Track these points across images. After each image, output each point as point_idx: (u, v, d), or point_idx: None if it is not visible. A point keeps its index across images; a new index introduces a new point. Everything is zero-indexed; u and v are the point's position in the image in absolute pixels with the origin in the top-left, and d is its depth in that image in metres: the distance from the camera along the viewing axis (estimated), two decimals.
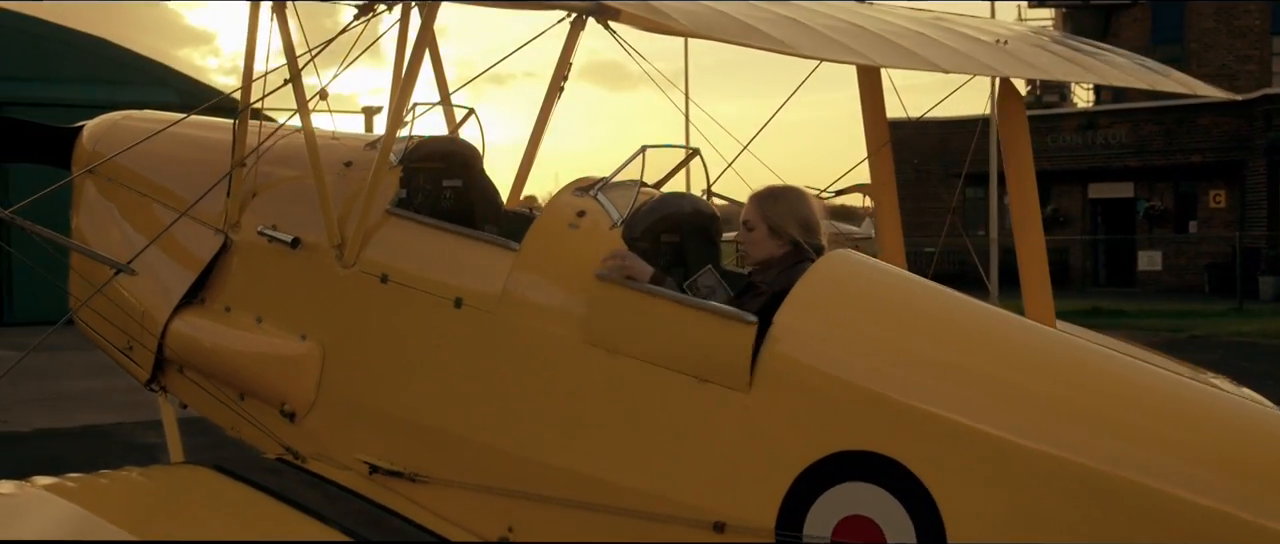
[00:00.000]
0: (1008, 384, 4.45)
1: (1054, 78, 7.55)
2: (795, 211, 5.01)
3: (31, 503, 4.86)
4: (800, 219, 5.00)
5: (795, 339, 4.68)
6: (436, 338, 5.44)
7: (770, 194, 5.14)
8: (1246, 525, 3.93)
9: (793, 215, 5.00)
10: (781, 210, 5.02)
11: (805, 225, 5.00)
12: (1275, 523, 3.90)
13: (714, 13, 6.11)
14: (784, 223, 4.99)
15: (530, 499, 5.12)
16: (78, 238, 6.95)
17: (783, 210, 5.01)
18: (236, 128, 6.17)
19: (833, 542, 4.46)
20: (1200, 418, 4.30)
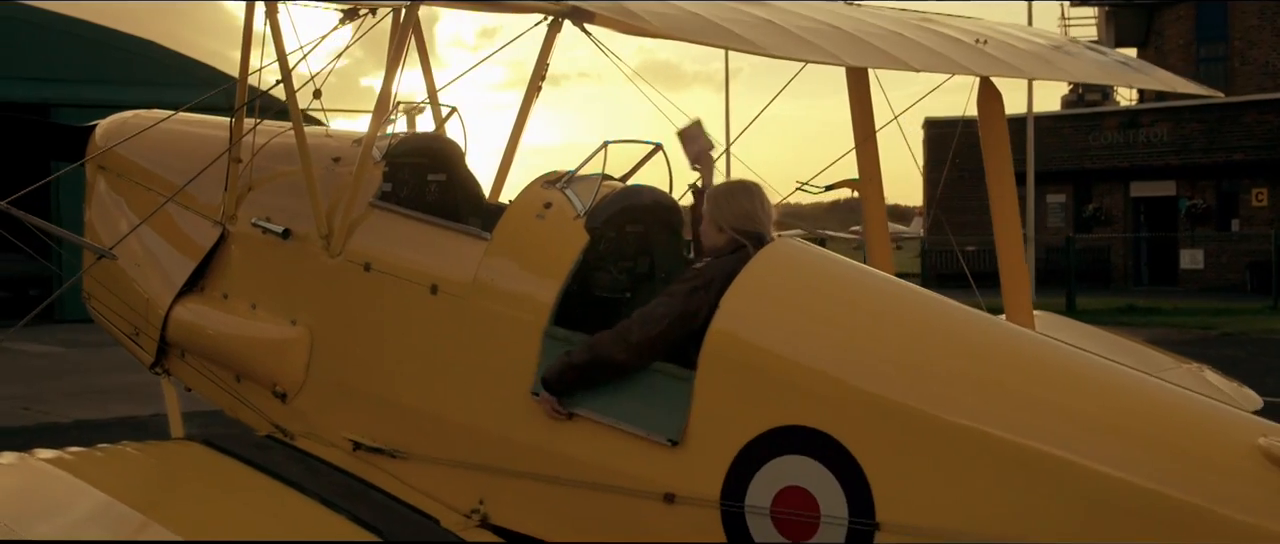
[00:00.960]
0: (932, 363, 4.75)
1: (1028, 76, 7.80)
2: (736, 207, 5.28)
3: (31, 473, 5.23)
4: (740, 213, 5.27)
5: (737, 321, 5.00)
6: (414, 322, 5.78)
7: (719, 191, 5.43)
8: (1138, 489, 4.22)
9: (733, 210, 5.27)
10: (723, 206, 5.30)
11: (744, 218, 5.27)
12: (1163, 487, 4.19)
13: (687, 14, 6.42)
14: (723, 217, 5.28)
15: (501, 474, 5.44)
16: (88, 229, 7.34)
17: (724, 206, 5.30)
18: (233, 125, 6.53)
19: (772, 510, 4.77)
20: (1113, 396, 4.59)
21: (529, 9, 6.22)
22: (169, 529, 4.97)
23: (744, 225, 5.23)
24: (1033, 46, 8.24)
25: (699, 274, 5.14)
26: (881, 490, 4.58)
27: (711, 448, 4.90)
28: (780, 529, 4.75)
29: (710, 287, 5.10)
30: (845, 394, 4.76)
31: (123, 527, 4.96)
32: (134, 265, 6.97)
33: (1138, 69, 8.62)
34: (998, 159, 7.84)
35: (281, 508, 5.29)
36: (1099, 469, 4.31)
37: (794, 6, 7.62)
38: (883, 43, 7.26)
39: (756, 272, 5.09)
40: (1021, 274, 7.97)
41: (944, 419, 4.57)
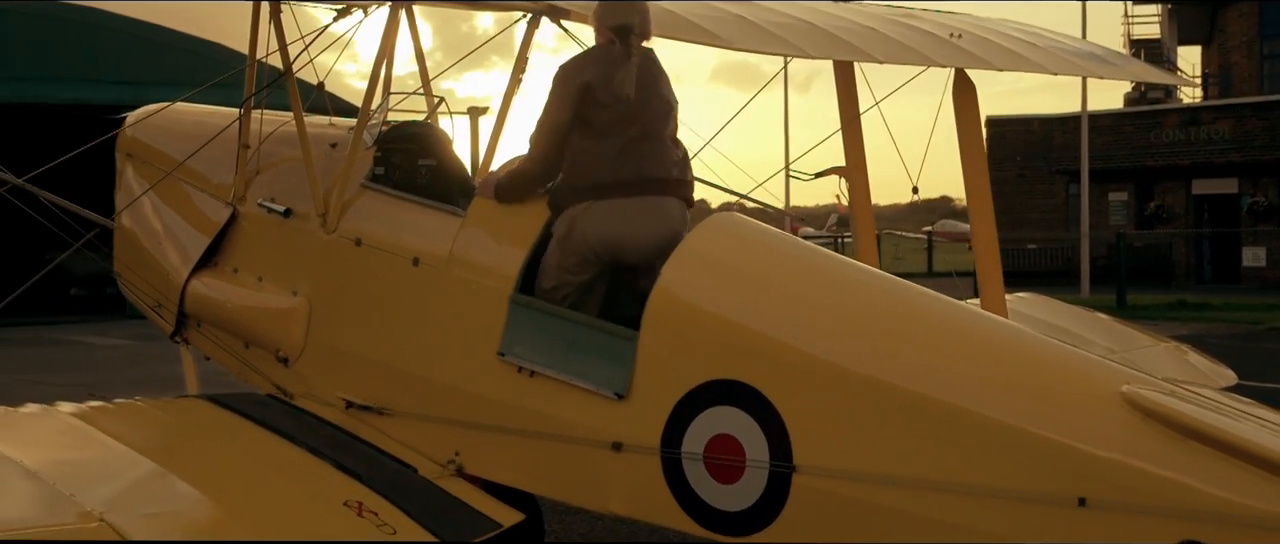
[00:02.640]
0: (845, 323, 5.28)
1: (998, 68, 8.21)
2: (609, 11, 6.04)
3: (52, 421, 5.87)
4: (611, 13, 6.03)
5: (676, 285, 5.54)
6: (398, 291, 6.37)
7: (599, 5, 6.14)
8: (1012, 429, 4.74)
9: (606, 12, 6.02)
10: (601, 14, 6.07)
11: (614, 14, 6.02)
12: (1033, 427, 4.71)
13: (661, 11, 6.96)
14: (602, 20, 6.05)
15: (474, 428, 6.01)
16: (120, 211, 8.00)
17: (602, 13, 6.06)
18: (242, 115, 7.16)
19: (705, 456, 5.31)
20: (999, 352, 5.12)
21: (509, 7, 6.80)
22: (174, 472, 5.57)
23: (614, 21, 5.95)
24: (1007, 40, 8.67)
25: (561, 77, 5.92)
26: (798, 436, 5.11)
27: (652, 400, 5.45)
28: (712, 473, 5.29)
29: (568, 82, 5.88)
30: (768, 350, 5.28)
31: (133, 469, 5.57)
32: (156, 243, 7.64)
33: (1110, 61, 9.01)
34: (971, 149, 8.26)
35: (273, 456, 5.89)
36: (980, 412, 4.82)
37: (772, 5, 8.14)
38: (852, 37, 7.75)
39: (695, 241, 5.64)
40: (993, 260, 8.39)
41: (852, 371, 5.10)
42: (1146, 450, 4.56)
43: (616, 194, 5.92)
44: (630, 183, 5.96)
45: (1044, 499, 4.61)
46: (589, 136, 5.95)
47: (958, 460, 4.79)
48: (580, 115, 5.93)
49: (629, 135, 5.98)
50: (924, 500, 4.81)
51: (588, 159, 5.95)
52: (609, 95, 5.91)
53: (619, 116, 5.96)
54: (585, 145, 5.95)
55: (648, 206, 6.00)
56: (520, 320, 5.90)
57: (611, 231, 5.91)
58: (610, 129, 5.95)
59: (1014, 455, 4.72)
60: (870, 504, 4.92)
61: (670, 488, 5.40)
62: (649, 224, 5.98)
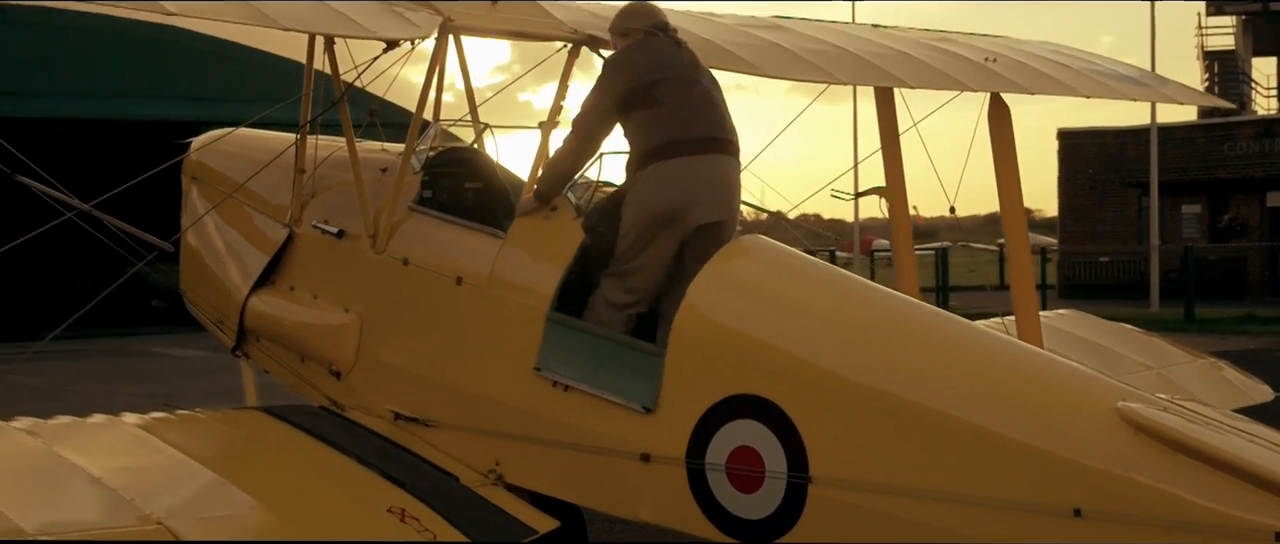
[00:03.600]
0: (857, 340, 5.57)
1: (1030, 92, 8.43)
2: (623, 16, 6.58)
3: (117, 431, 6.26)
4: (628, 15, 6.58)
5: (701, 305, 5.85)
6: (443, 309, 6.71)
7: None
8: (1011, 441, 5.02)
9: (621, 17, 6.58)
10: (616, 21, 6.57)
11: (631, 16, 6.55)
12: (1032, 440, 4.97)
13: (696, 39, 7.28)
14: (617, 26, 6.56)
15: (513, 439, 6.34)
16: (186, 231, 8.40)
17: (617, 21, 6.58)
18: (298, 141, 7.55)
19: (727, 466, 5.61)
20: (1003, 369, 5.39)
21: (550, 37, 7.13)
22: (229, 480, 5.93)
23: (652, 20, 6.50)
24: (1042, 63, 8.89)
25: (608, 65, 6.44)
26: (813, 448, 5.40)
27: (678, 414, 5.76)
28: (733, 483, 5.59)
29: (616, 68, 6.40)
30: (786, 366, 5.58)
31: (191, 477, 5.94)
32: (218, 262, 8.04)
33: (1144, 83, 9.20)
34: (1006, 170, 8.47)
35: (323, 465, 6.24)
36: (984, 425, 5.10)
37: (806, 30, 8.42)
38: (886, 63, 8.02)
39: (720, 263, 5.95)
40: (1027, 278, 8.61)
41: (863, 385, 5.39)
42: (1139, 464, 4.81)
43: (684, 152, 6.29)
44: (697, 141, 6.33)
45: (1042, 509, 4.87)
46: (650, 106, 6.33)
47: (962, 471, 5.06)
48: (637, 96, 6.33)
49: (691, 98, 6.40)
50: (929, 509, 5.08)
51: (653, 125, 6.33)
52: (665, 70, 6.37)
53: (678, 85, 6.39)
54: (646, 114, 6.33)
55: (712, 163, 6.36)
56: (556, 337, 6.22)
57: (678, 189, 6.25)
58: (670, 97, 6.35)
59: (1015, 467, 4.99)
60: (879, 513, 5.20)
61: (695, 497, 5.70)
62: (714, 180, 6.34)
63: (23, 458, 5.81)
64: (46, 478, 5.65)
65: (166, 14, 5.50)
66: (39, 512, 5.27)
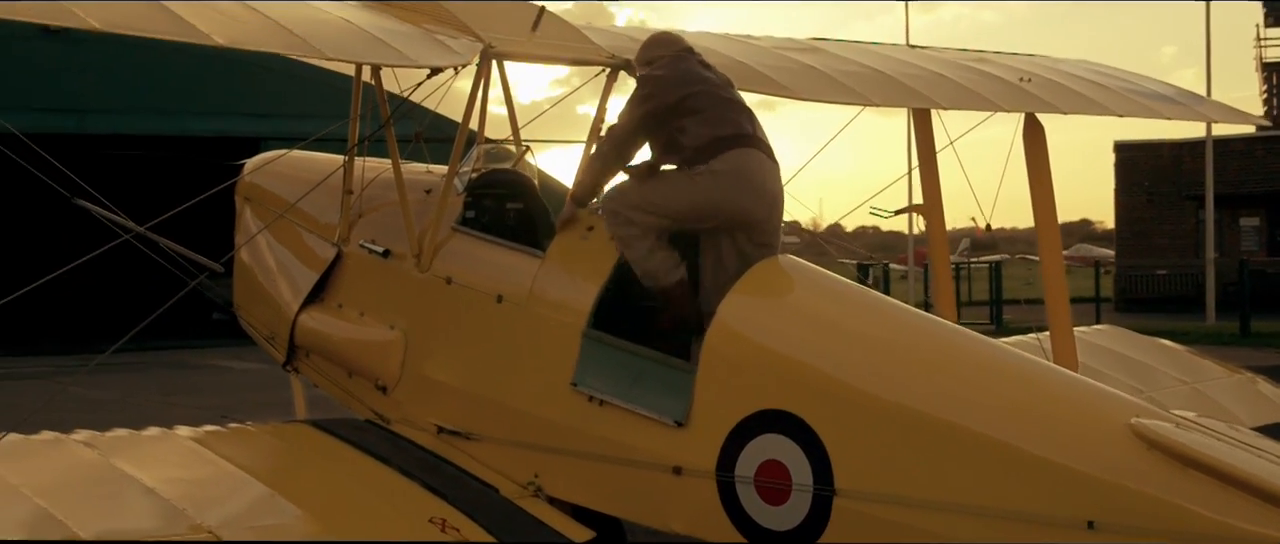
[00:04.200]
0: (881, 358, 5.76)
1: (1062, 111, 8.58)
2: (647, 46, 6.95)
3: (171, 443, 6.52)
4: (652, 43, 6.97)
5: (731, 322, 6.05)
6: (484, 326, 6.93)
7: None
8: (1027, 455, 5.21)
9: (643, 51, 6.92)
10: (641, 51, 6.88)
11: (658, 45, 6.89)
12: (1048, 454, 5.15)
13: (731, 62, 7.48)
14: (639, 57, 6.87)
15: (551, 452, 6.55)
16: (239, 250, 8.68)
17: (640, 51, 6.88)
18: (346, 164, 7.81)
19: (755, 479, 5.80)
20: (1021, 385, 5.57)
21: (588, 61, 7.36)
22: (277, 491, 6.17)
23: (679, 46, 6.90)
24: (1077, 83, 9.02)
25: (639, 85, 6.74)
26: (839, 462, 5.58)
27: (709, 428, 5.96)
28: (762, 495, 5.78)
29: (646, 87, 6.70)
30: (812, 381, 5.78)
31: (241, 487, 6.19)
32: (270, 280, 8.32)
33: (1180, 101, 9.31)
34: (1041, 188, 8.61)
35: (368, 476, 6.47)
36: (1002, 440, 5.28)
37: (843, 50, 8.60)
38: (919, 85, 8.19)
39: (749, 282, 6.15)
40: (1062, 294, 8.74)
41: (886, 401, 5.57)
42: (1150, 478, 4.98)
43: (733, 146, 6.52)
44: (742, 137, 6.58)
45: (1057, 522, 5.04)
46: (688, 115, 6.57)
47: (981, 485, 5.24)
48: (672, 110, 6.58)
49: (728, 103, 6.67)
50: (949, 522, 5.26)
51: (694, 130, 6.56)
52: (698, 83, 6.65)
53: (713, 94, 6.66)
54: (686, 122, 6.57)
55: (753, 158, 6.58)
56: (592, 353, 6.43)
57: (725, 183, 6.47)
58: (708, 104, 6.61)
59: (1031, 481, 5.16)
60: (901, 525, 5.37)
61: (725, 509, 5.90)
62: (756, 175, 6.56)
63: (81, 469, 6.08)
64: (103, 488, 5.91)
65: (217, 46, 5.73)
66: (96, 520, 5.53)
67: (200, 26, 5.69)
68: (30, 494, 5.62)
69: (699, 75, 6.72)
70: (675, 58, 6.78)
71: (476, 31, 6.94)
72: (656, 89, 6.66)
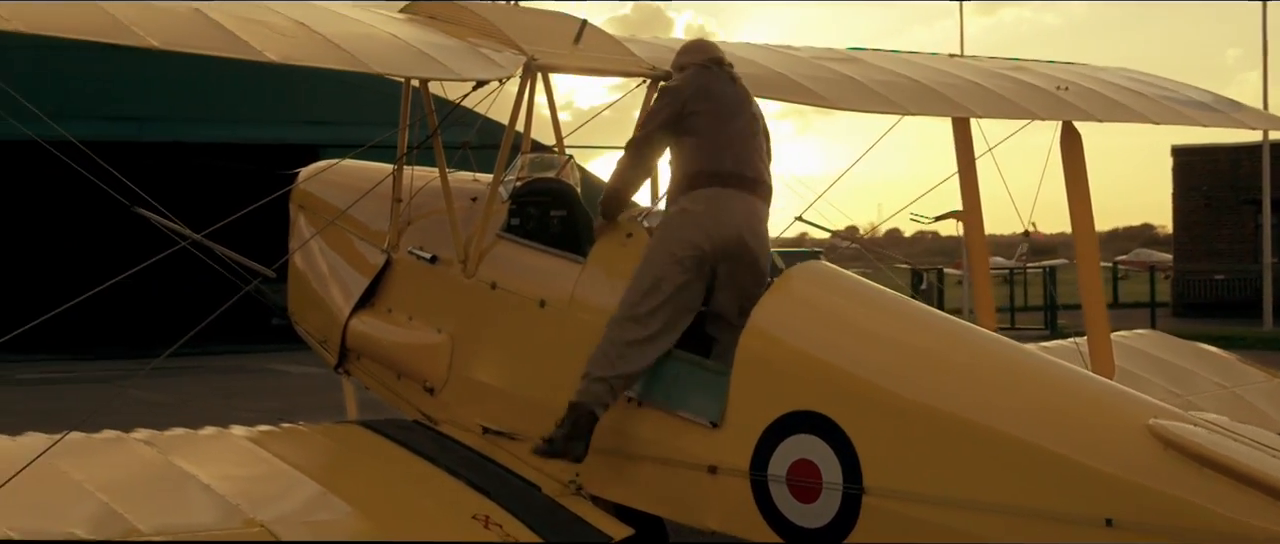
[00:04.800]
0: (906, 359, 5.94)
1: (1099, 119, 8.72)
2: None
3: (226, 442, 6.79)
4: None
5: (765, 326, 6.25)
6: (528, 330, 7.16)
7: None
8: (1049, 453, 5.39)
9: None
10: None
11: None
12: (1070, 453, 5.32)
13: (767, 72, 7.70)
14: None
15: (592, 452, 6.75)
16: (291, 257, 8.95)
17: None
18: (395, 173, 8.06)
19: (788, 478, 5.99)
20: (1045, 388, 5.74)
21: (629, 73, 7.58)
22: (327, 488, 6.43)
23: (709, 54, 7.07)
24: (1114, 91, 9.16)
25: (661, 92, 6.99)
26: (867, 461, 5.77)
27: (742, 429, 6.17)
28: (793, 494, 5.98)
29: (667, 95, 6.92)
30: (841, 383, 5.97)
31: (293, 485, 6.44)
32: (323, 285, 8.60)
33: (1217, 108, 9.42)
34: (1078, 195, 8.75)
35: (415, 475, 6.71)
36: (1024, 439, 5.46)
37: (882, 60, 8.77)
38: (956, 94, 8.36)
39: (782, 287, 6.34)
40: (1099, 299, 8.89)
41: (912, 401, 5.76)
42: (1166, 476, 5.15)
43: (711, 184, 6.69)
44: (723, 175, 6.72)
45: (1077, 519, 5.21)
46: (686, 135, 6.78)
47: (1003, 483, 5.42)
48: (680, 124, 6.78)
49: (726, 132, 6.80)
50: (972, 518, 5.43)
51: (686, 156, 6.78)
52: (706, 102, 6.80)
53: (716, 119, 6.80)
54: (685, 143, 6.78)
55: (733, 199, 6.72)
56: None
57: (702, 218, 6.63)
58: (706, 128, 6.77)
59: (1051, 479, 5.34)
60: (926, 522, 5.56)
61: (758, 507, 6.10)
62: (734, 215, 6.69)
63: (140, 466, 6.36)
64: (161, 485, 6.18)
65: (270, 62, 5.97)
66: (154, 516, 5.79)
67: (254, 44, 5.95)
68: (93, 490, 5.89)
69: (711, 91, 6.87)
70: (699, 69, 6.96)
71: (520, 45, 7.16)
72: (668, 101, 6.88)
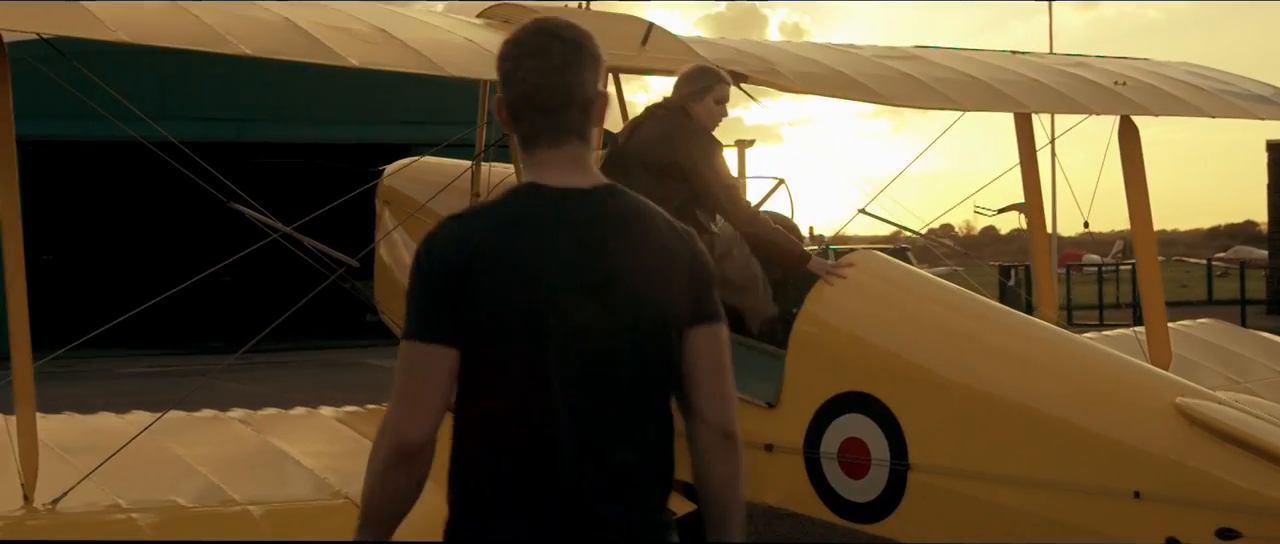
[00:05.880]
0: (949, 342, 6.29)
1: (1156, 114, 8.96)
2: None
3: (315, 421, 7.26)
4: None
5: (818, 311, 6.62)
6: None
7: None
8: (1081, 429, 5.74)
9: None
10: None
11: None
12: (1102, 429, 5.65)
13: (828, 71, 8.04)
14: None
15: None
16: (377, 251, 9.43)
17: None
18: (473, 169, 8.50)
19: (839, 455, 6.36)
20: (1081, 369, 6.07)
21: None
22: None
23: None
24: (1172, 85, 9.38)
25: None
26: (912, 439, 6.13)
27: (797, 409, 6.53)
28: (844, 470, 6.34)
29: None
30: (889, 366, 6.33)
31: None
32: (405, 276, 9.03)
33: (1276, 101, 9.60)
34: (1136, 189, 9.01)
35: None
36: (1058, 417, 5.81)
37: (942, 58, 9.07)
38: (1013, 90, 8.64)
39: (834, 277, 6.70)
40: (1157, 292, 9.14)
41: (955, 381, 6.13)
42: (1191, 451, 5.46)
43: None
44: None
45: (1106, 491, 5.54)
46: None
47: (1037, 458, 5.77)
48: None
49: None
50: (1009, 492, 5.79)
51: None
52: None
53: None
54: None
55: None
56: None
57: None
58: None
59: (1082, 454, 5.68)
60: (967, 496, 5.91)
61: (811, 483, 6.47)
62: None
63: (237, 443, 6.85)
64: (257, 460, 6.67)
65: (350, 66, 6.42)
66: (248, 486, 6.26)
67: (337, 50, 6.40)
68: (192, 463, 6.38)
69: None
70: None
71: None
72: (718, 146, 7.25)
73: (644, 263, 3.27)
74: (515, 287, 3.18)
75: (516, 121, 3.37)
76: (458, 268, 3.19)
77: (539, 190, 3.29)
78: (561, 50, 3.27)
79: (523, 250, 3.20)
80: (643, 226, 3.31)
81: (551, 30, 3.28)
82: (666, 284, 3.29)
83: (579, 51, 3.29)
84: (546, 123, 3.32)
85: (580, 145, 3.34)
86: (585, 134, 3.34)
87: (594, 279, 3.21)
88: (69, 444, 6.42)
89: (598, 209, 3.28)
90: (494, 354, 3.19)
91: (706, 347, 3.37)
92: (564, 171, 3.32)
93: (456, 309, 3.18)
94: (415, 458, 3.21)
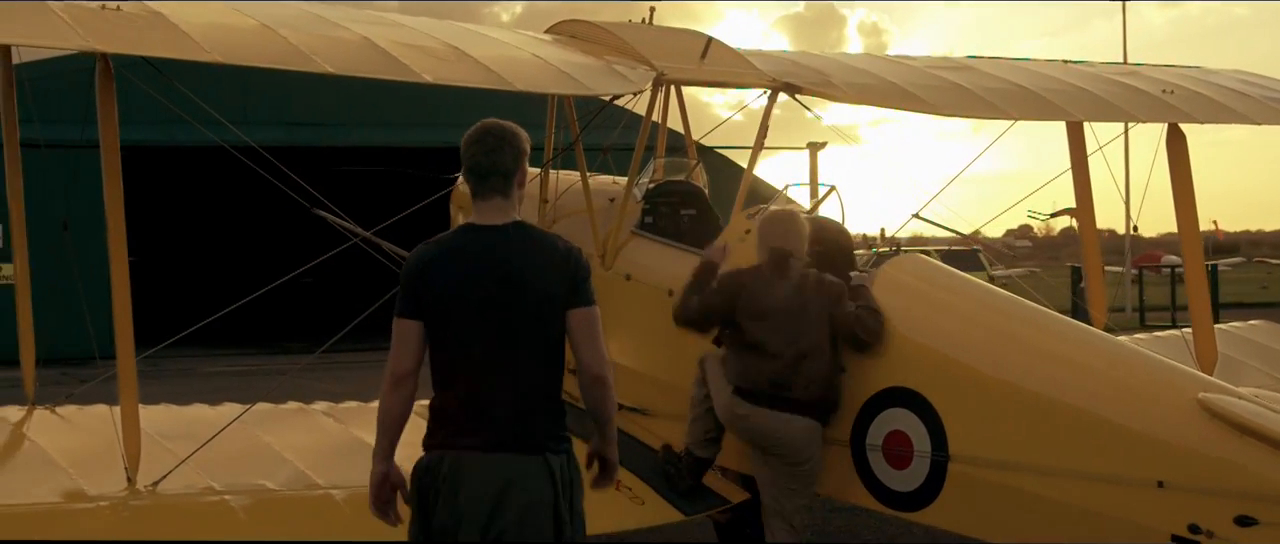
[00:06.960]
0: (987, 339, 6.66)
1: (1200, 121, 9.24)
2: (768, 237, 7.19)
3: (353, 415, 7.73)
4: (770, 239, 7.17)
5: None
6: (657, 317, 7.96)
7: (763, 221, 7.33)
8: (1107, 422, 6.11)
9: (766, 239, 7.18)
10: (765, 233, 7.21)
11: (779, 238, 7.15)
12: (1130, 422, 6.01)
13: (879, 82, 8.41)
14: (765, 240, 7.20)
15: None
16: None
17: (765, 233, 7.21)
18: (542, 175, 8.95)
19: (883, 447, 6.74)
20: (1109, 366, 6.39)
21: (752, 84, 8.35)
22: None
23: (776, 245, 7.11)
24: (1219, 93, 9.65)
25: (725, 278, 7.21)
26: (952, 432, 6.50)
27: (845, 403, 6.92)
28: (889, 461, 6.74)
29: (723, 291, 7.13)
30: (930, 362, 6.71)
31: None
32: None
33: None
34: (1183, 194, 9.31)
35: None
36: (1089, 410, 6.17)
37: (993, 68, 9.40)
38: (1060, 99, 8.96)
39: (879, 278, 7.08)
40: (1203, 294, 9.43)
41: (991, 377, 6.50)
42: (1211, 443, 5.81)
43: None
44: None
45: (1132, 481, 5.90)
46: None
47: (1068, 450, 6.14)
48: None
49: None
50: (1042, 481, 6.16)
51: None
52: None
53: None
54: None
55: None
56: None
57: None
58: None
59: (1110, 446, 6.05)
60: (1003, 485, 6.28)
61: (857, 473, 6.86)
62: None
63: (321, 433, 7.34)
64: (340, 448, 7.15)
65: (425, 82, 6.87)
66: (331, 472, 6.75)
67: (413, 67, 6.86)
68: (279, 450, 6.88)
69: None
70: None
71: (651, 61, 7.96)
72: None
73: (532, 264, 4.88)
74: (451, 282, 4.85)
75: (468, 182, 5.01)
76: (419, 270, 4.90)
77: (473, 227, 4.96)
78: (493, 141, 4.93)
79: (456, 260, 4.88)
80: (536, 244, 4.97)
81: (489, 128, 4.96)
82: (549, 278, 4.89)
83: (503, 142, 4.94)
84: (481, 185, 4.95)
85: (502, 200, 4.95)
86: (507, 193, 4.95)
87: (499, 273, 4.83)
88: (167, 432, 6.94)
89: (506, 235, 4.92)
90: (441, 323, 4.86)
91: (581, 322, 5.06)
92: (489, 215, 4.95)
93: (418, 296, 4.86)
94: (404, 383, 5.01)
